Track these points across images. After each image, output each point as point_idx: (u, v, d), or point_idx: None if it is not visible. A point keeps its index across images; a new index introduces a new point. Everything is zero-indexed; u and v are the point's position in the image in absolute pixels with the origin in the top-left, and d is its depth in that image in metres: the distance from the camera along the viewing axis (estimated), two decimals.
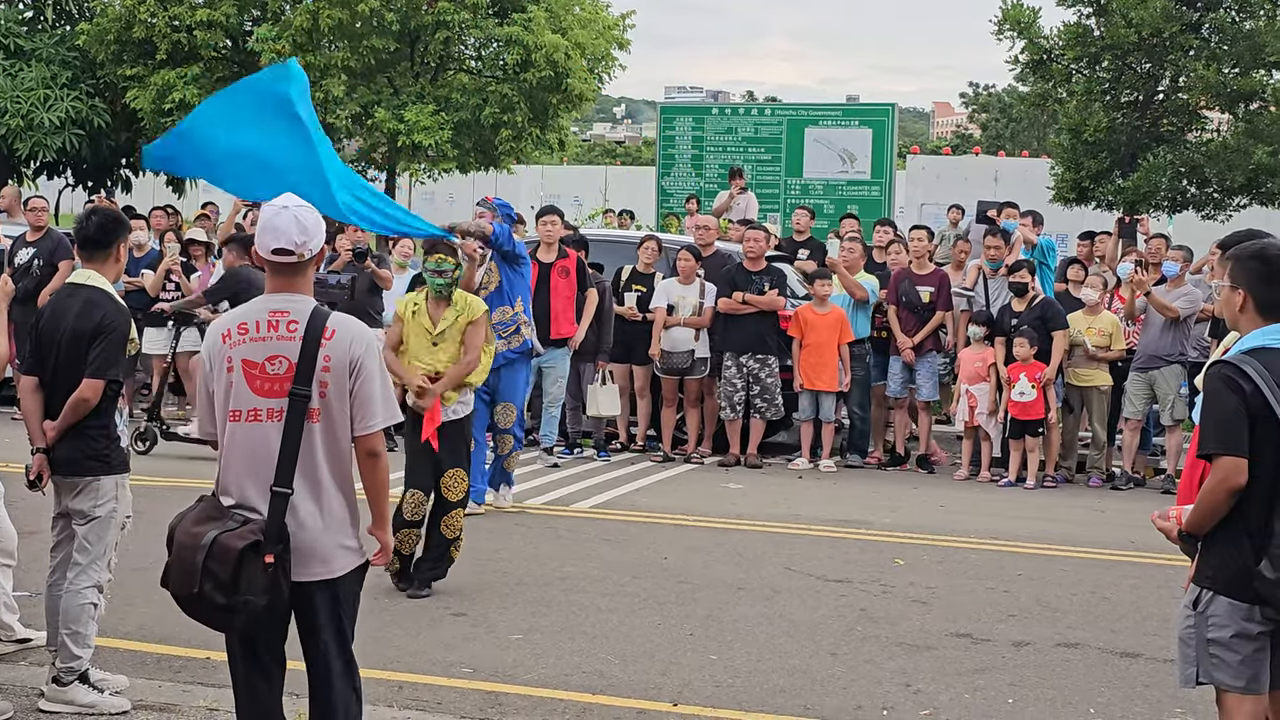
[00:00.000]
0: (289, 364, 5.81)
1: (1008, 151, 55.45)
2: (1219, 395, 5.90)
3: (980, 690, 8.70)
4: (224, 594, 5.64)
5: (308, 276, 6.02)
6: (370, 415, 5.89)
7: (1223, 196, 23.97)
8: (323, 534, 5.86)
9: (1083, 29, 24.17)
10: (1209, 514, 5.91)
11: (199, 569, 5.62)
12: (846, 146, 26.51)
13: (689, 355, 16.54)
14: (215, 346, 5.93)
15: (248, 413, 5.85)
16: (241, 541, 5.64)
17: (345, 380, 5.85)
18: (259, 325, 5.87)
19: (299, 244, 5.89)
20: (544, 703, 8.22)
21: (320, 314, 5.90)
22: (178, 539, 5.78)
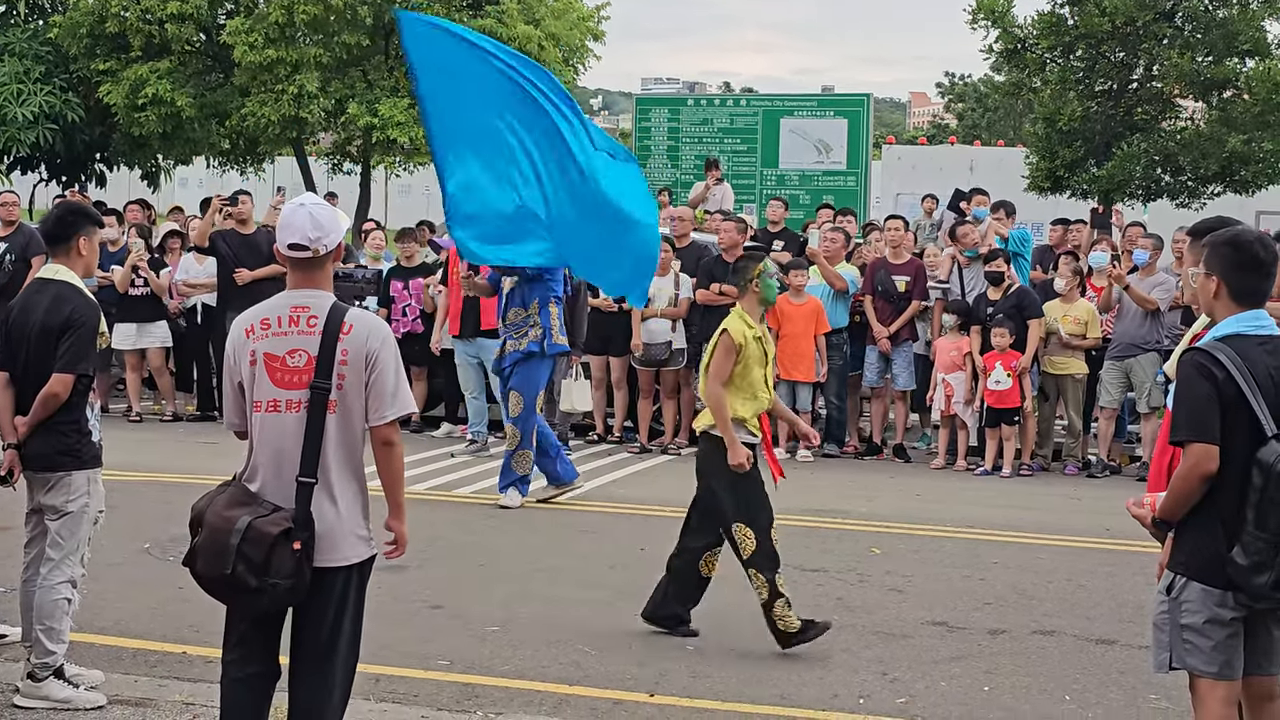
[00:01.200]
0: (309, 357, 6.05)
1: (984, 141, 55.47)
2: (1191, 382, 5.92)
3: (956, 678, 8.72)
4: (255, 576, 5.88)
5: (326, 272, 6.25)
6: (384, 406, 6.13)
7: (1197, 184, 24.04)
8: (338, 522, 6.09)
9: (1057, 18, 24.22)
10: (1182, 500, 5.94)
11: (233, 551, 5.88)
12: (822, 137, 26.54)
13: (666, 346, 16.53)
14: (239, 341, 6.17)
15: (268, 404, 6.09)
16: (275, 528, 5.90)
17: (362, 373, 6.09)
18: (280, 320, 6.11)
19: (313, 239, 6.10)
20: (520, 694, 8.22)
21: (339, 309, 6.14)
22: (210, 522, 6.02)
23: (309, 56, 25.97)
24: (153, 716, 7.47)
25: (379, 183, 34.05)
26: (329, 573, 6.08)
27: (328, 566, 6.06)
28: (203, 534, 6.05)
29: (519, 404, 13.24)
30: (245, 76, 26.30)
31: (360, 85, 27.29)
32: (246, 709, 6.28)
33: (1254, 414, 5.84)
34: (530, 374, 13.26)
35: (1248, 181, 23.56)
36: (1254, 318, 6.04)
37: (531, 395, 13.29)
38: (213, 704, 7.58)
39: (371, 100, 26.43)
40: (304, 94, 25.78)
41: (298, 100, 25.80)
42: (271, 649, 6.29)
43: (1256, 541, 5.75)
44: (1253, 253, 6.10)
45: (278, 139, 27.68)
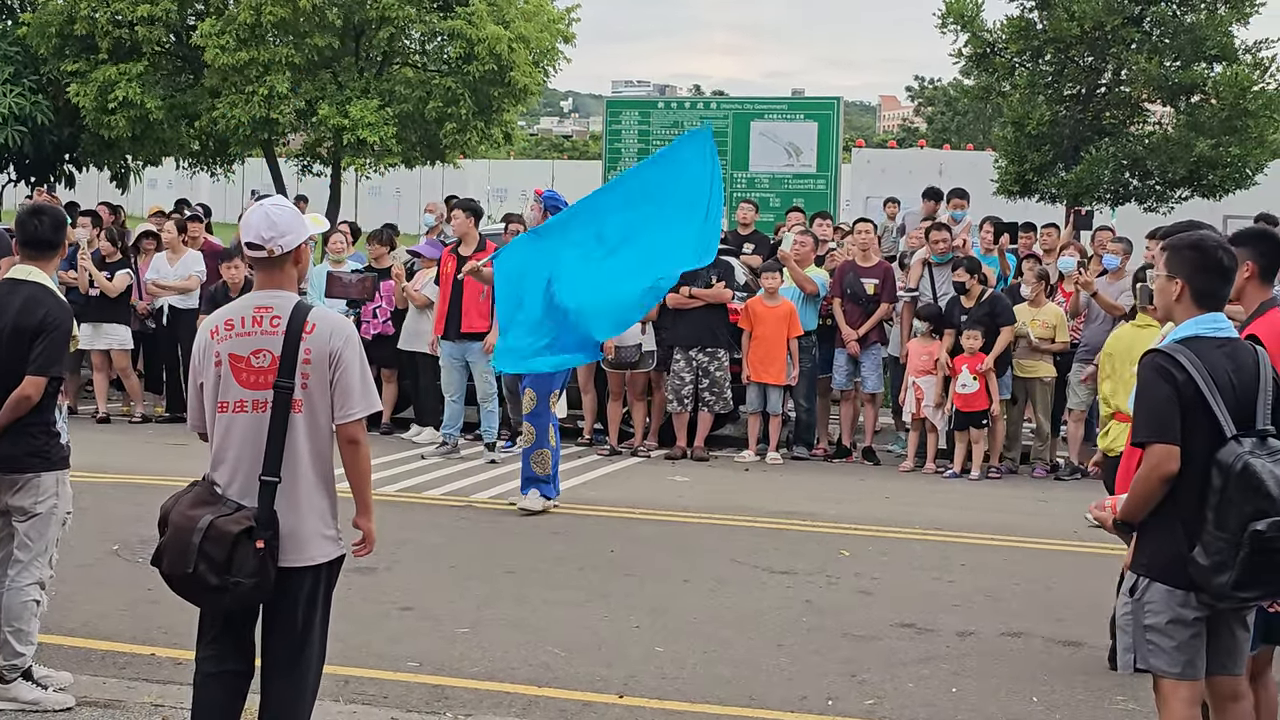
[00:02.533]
0: (273, 357, 6.09)
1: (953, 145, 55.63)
2: (1152, 384, 5.98)
3: (924, 680, 8.76)
4: (216, 575, 5.92)
5: (288, 273, 6.26)
6: (350, 404, 6.16)
7: (1165, 189, 24.09)
8: (305, 522, 6.12)
9: (1025, 22, 24.25)
10: (1142, 501, 5.99)
11: (195, 550, 5.92)
12: (792, 140, 26.53)
13: (636, 349, 16.53)
14: (204, 343, 6.23)
15: (234, 404, 6.14)
16: (236, 526, 5.93)
17: (326, 372, 6.12)
18: (244, 321, 6.16)
19: (267, 239, 6.13)
20: (490, 695, 8.23)
21: (301, 308, 6.17)
22: (173, 521, 6.07)
23: (280, 57, 25.91)
24: (122, 718, 7.47)
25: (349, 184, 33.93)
26: (296, 573, 6.10)
27: (294, 566, 6.09)
28: (167, 533, 6.10)
29: (533, 401, 13.26)
30: (216, 78, 26.23)
31: (331, 87, 27.22)
32: (218, 706, 6.30)
33: (1213, 415, 5.90)
34: (542, 373, 13.29)
35: (1215, 186, 23.62)
36: (1212, 320, 6.12)
37: (545, 393, 13.29)
38: (183, 705, 7.60)
39: (342, 101, 26.37)
40: (274, 95, 25.72)
41: (268, 101, 25.73)
42: (244, 648, 6.29)
43: (1217, 542, 5.81)
44: (1216, 257, 6.18)
45: (248, 140, 27.60)
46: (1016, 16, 24.36)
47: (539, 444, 13.22)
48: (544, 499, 13.27)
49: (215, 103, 26.34)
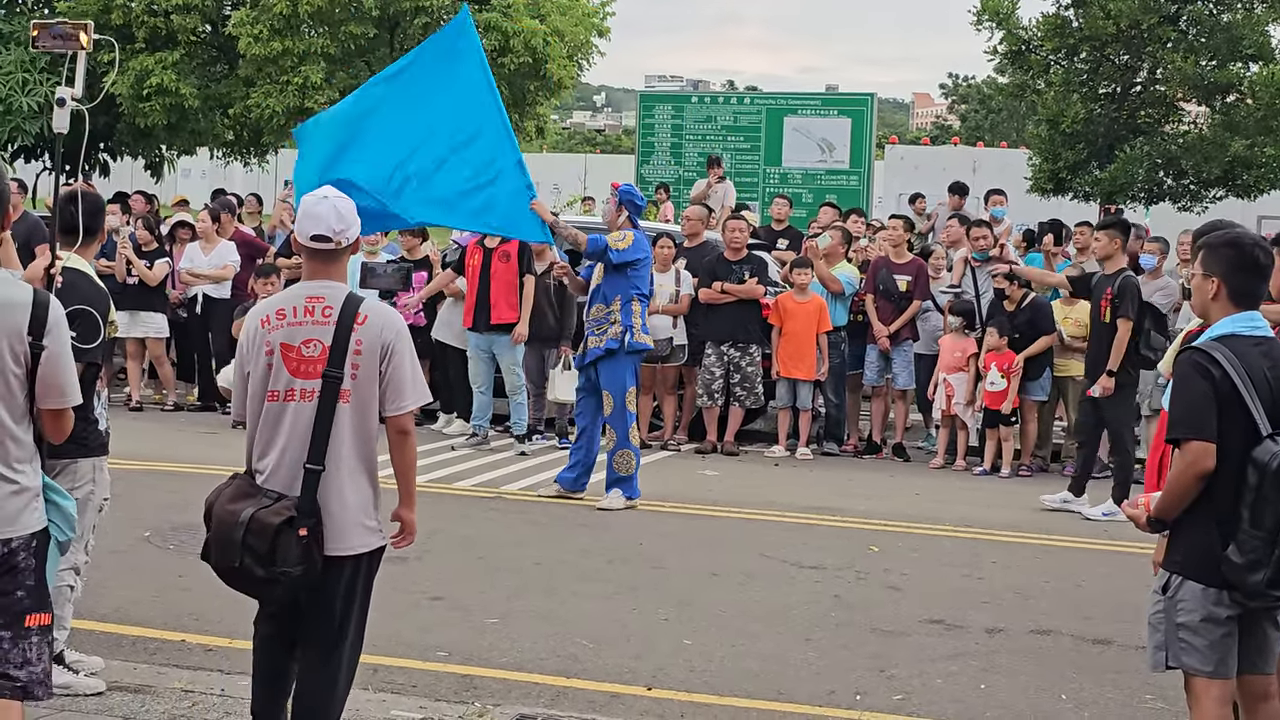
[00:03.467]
0: (323, 347, 6.12)
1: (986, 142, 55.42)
2: (1188, 380, 5.96)
3: (953, 676, 8.75)
4: (262, 566, 5.97)
5: (342, 264, 6.35)
6: (402, 397, 6.21)
7: (1199, 188, 24.05)
8: (347, 511, 6.15)
9: (1061, 20, 24.22)
10: (1177, 499, 5.97)
11: (239, 544, 5.97)
12: (825, 136, 26.57)
13: (667, 343, 16.55)
14: (254, 332, 6.24)
15: (284, 393, 6.15)
16: (277, 518, 5.96)
17: (376, 364, 6.16)
18: (296, 310, 6.19)
19: (336, 232, 6.22)
20: (518, 686, 8.24)
21: (353, 300, 6.22)
22: (216, 515, 6.09)
23: (314, 47, 25.98)
24: (151, 703, 7.48)
25: None
26: (336, 561, 6.13)
27: (335, 555, 6.12)
28: (212, 528, 6.13)
29: (610, 403, 13.22)
30: (250, 68, 26.31)
31: (365, 76, 27.27)
32: (279, 659, 6.40)
33: (1250, 413, 5.87)
34: (615, 372, 13.23)
35: (1250, 186, 23.56)
36: (1249, 319, 6.09)
37: (621, 394, 13.23)
38: (213, 691, 7.67)
39: None
40: (309, 85, 25.78)
41: (302, 91, 25.79)
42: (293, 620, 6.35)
43: (1252, 540, 5.79)
44: (1253, 255, 6.15)
45: (282, 130, 27.67)
46: (1052, 14, 24.32)
47: (621, 444, 13.22)
48: (625, 498, 13.26)
49: (249, 92, 26.42)
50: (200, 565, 10.41)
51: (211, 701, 7.54)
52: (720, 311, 16.50)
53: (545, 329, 16.27)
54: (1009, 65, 26.04)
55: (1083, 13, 23.81)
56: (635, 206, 13.51)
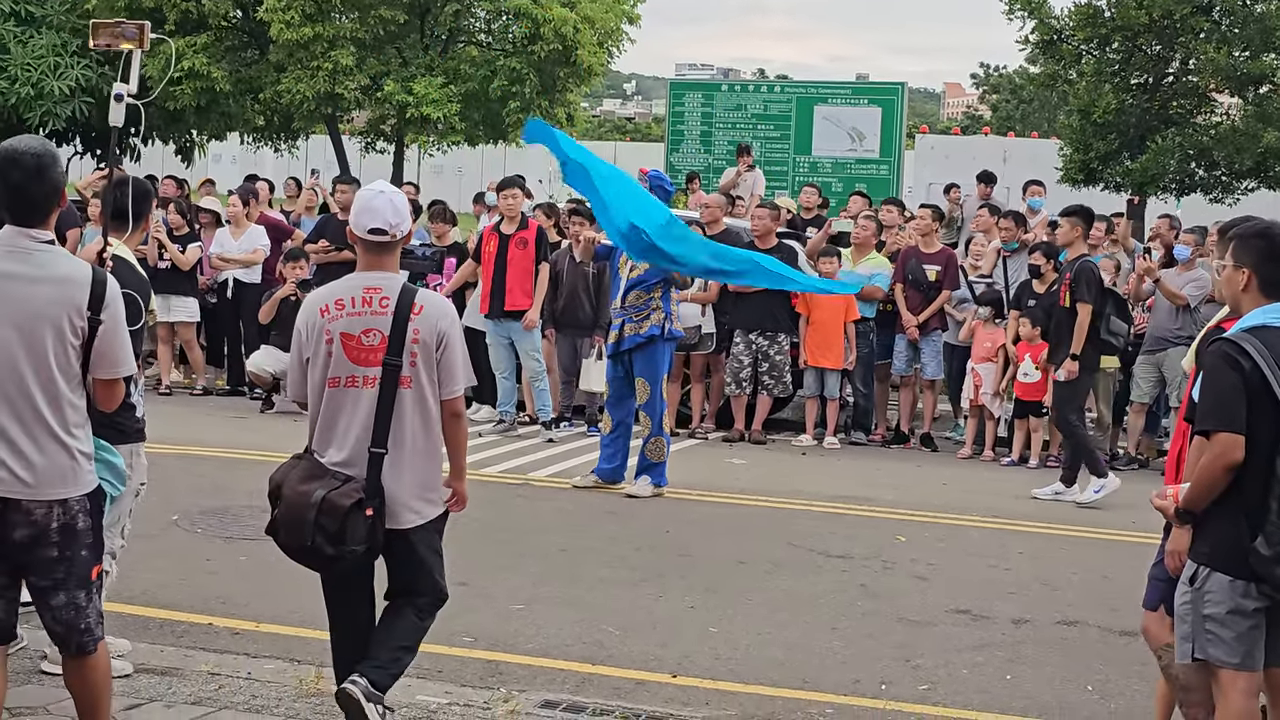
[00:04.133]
0: (382, 336, 6.45)
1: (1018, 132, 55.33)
2: (1218, 371, 5.94)
3: (979, 666, 8.74)
4: (332, 545, 6.33)
5: (395, 256, 6.71)
6: (455, 381, 6.60)
7: (1231, 180, 23.96)
8: (407, 489, 6.51)
9: (1093, 10, 24.14)
10: (1206, 490, 5.95)
11: (310, 524, 6.31)
12: (855, 125, 26.51)
13: (696, 331, 16.54)
14: (313, 320, 6.56)
15: (345, 380, 6.49)
16: (348, 500, 6.31)
17: (433, 351, 6.51)
18: (354, 300, 6.51)
19: (393, 225, 6.56)
20: (544, 672, 8.26)
21: (409, 291, 6.57)
22: (286, 496, 6.41)
23: (345, 32, 26.02)
24: (178, 685, 7.51)
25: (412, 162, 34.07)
26: (401, 534, 6.52)
27: (399, 529, 6.51)
28: (281, 507, 6.43)
29: (646, 390, 13.22)
30: (281, 53, 26.35)
31: (396, 62, 27.32)
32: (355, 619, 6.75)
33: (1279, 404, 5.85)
34: (653, 359, 13.23)
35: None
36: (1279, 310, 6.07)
37: (657, 380, 13.27)
38: (239, 674, 7.70)
39: (407, 78, 26.45)
40: (339, 70, 25.81)
41: (333, 76, 25.83)
42: (366, 590, 6.76)
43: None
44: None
45: (312, 115, 27.72)
46: (1084, 4, 24.25)
47: (655, 432, 13.23)
48: (654, 486, 13.27)
49: (280, 78, 26.46)
50: (228, 549, 10.50)
51: (238, 684, 7.56)
52: (748, 300, 16.48)
53: (581, 318, 16.28)
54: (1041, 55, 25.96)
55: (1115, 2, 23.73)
56: (665, 192, 13.53)
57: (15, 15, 26.71)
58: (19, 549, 5.73)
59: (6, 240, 5.81)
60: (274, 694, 7.45)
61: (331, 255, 17.79)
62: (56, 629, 5.95)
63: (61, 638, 5.97)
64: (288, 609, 9.12)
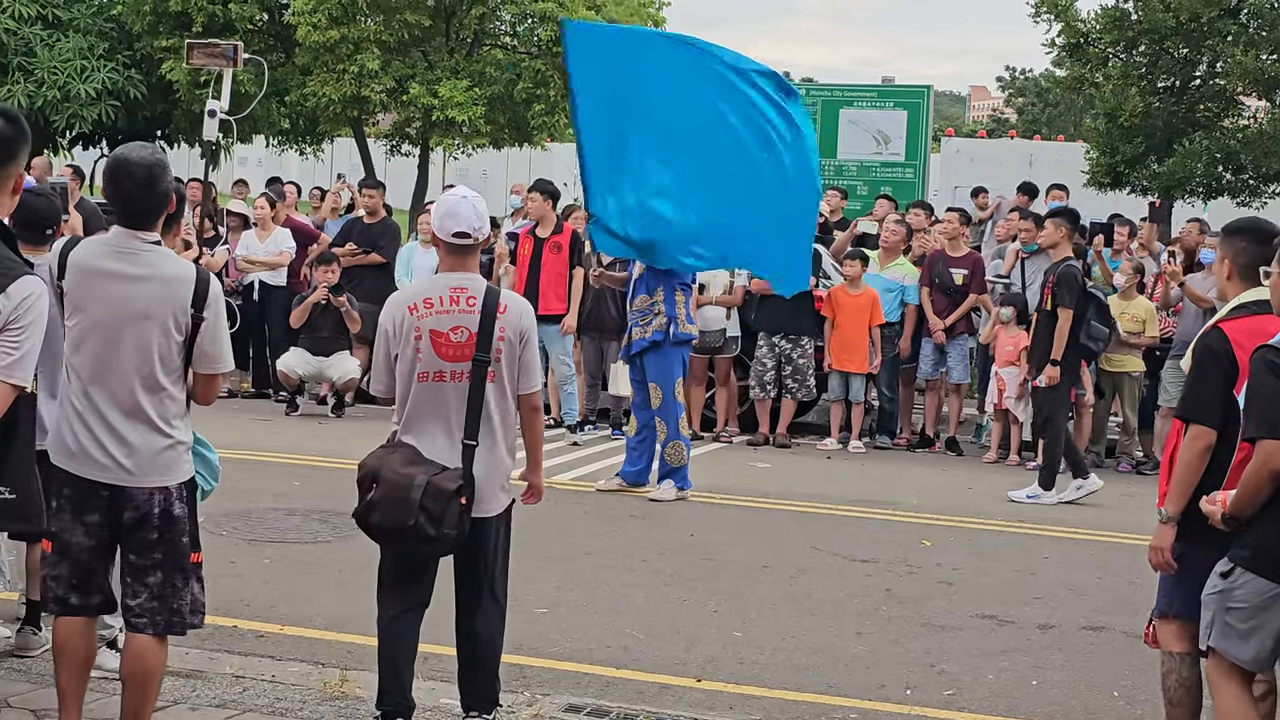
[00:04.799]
0: (470, 333, 6.79)
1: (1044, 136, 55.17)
2: (1261, 378, 5.95)
3: (1004, 671, 8.71)
4: (434, 527, 6.61)
5: (476, 258, 7.08)
6: (533, 376, 7.04)
7: (1258, 183, 23.88)
8: (491, 479, 6.87)
9: (1120, 13, 24.07)
10: (1252, 497, 5.98)
11: (416, 505, 6.58)
12: (881, 128, 26.42)
13: (721, 334, 16.55)
14: (402, 319, 6.88)
15: (434, 374, 6.81)
16: (451, 484, 6.62)
17: (516, 348, 6.91)
18: (442, 299, 6.85)
19: (476, 229, 6.89)
20: (568, 675, 8.25)
21: (493, 291, 6.94)
22: (386, 478, 6.67)
23: (370, 35, 26.05)
24: (203, 688, 7.52)
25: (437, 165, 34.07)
26: (481, 521, 6.83)
27: (482, 517, 6.83)
28: (380, 489, 6.68)
29: (659, 395, 13.22)
30: (307, 56, 26.39)
31: (421, 65, 27.34)
32: (407, 637, 6.98)
33: None
34: (663, 364, 13.23)
35: None
36: None
37: (669, 385, 13.22)
38: (264, 677, 7.70)
39: (432, 81, 26.47)
40: (365, 73, 25.84)
41: (359, 79, 25.86)
42: (427, 586, 7.03)
43: None
44: None
45: (338, 118, 27.76)
46: (1111, 7, 24.18)
47: (672, 436, 13.21)
48: (677, 489, 13.25)
49: (306, 80, 26.50)
50: (253, 551, 10.52)
51: (261, 688, 7.57)
52: (773, 303, 16.46)
53: (607, 321, 16.28)
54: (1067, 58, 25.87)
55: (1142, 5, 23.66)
56: None
57: (43, 19, 26.80)
58: (126, 530, 6.09)
59: (115, 241, 6.11)
60: (298, 697, 7.45)
61: (359, 258, 17.82)
62: (148, 605, 6.15)
63: (149, 615, 6.16)
64: (312, 612, 9.13)
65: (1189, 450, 6.51)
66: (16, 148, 5.66)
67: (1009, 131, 58.25)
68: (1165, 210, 22.55)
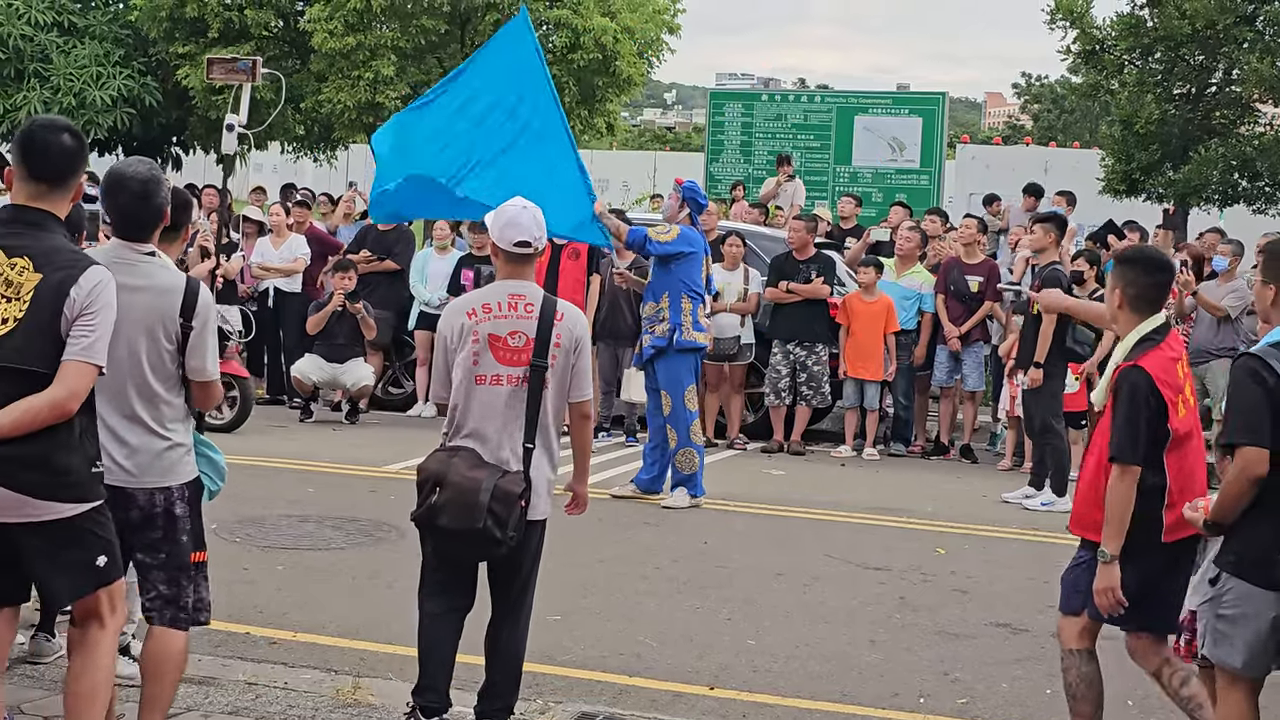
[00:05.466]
0: (527, 339, 6.97)
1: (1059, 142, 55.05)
2: (1242, 386, 6.08)
3: (1018, 680, 8.69)
4: (500, 530, 6.76)
5: (534, 266, 7.27)
6: (585, 384, 7.16)
7: (1275, 190, 23.79)
8: (543, 482, 7.06)
9: (1136, 20, 24.01)
10: (1233, 502, 6.09)
11: (484, 508, 6.72)
12: (896, 135, 26.41)
13: (735, 341, 16.55)
14: (459, 322, 7.05)
15: (491, 378, 6.96)
16: (516, 488, 6.81)
17: (570, 355, 7.06)
18: (500, 305, 7.03)
19: (536, 238, 7.10)
20: (581, 683, 8.25)
21: (550, 299, 7.11)
22: (453, 482, 6.78)
23: (386, 41, 26.07)
24: (216, 695, 7.53)
25: None
26: (532, 526, 7.03)
27: (532, 520, 7.00)
28: (446, 492, 6.79)
29: (668, 403, 13.25)
30: (322, 63, 26.42)
31: (437, 72, 27.34)
32: (447, 641, 7.13)
33: None
34: (670, 371, 13.26)
35: None
36: None
37: (679, 393, 13.25)
38: (276, 684, 7.72)
39: None
40: (380, 79, 25.86)
41: (374, 86, 25.88)
42: (469, 588, 7.21)
43: None
44: None
45: (353, 125, 27.78)
46: (1127, 13, 24.11)
47: (683, 444, 13.21)
48: (690, 497, 13.25)
49: (321, 87, 26.53)
50: (266, 558, 10.53)
51: (274, 694, 7.58)
52: (788, 310, 16.47)
53: (622, 328, 16.26)
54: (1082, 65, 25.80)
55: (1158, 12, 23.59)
56: (697, 205, 13.50)
57: (58, 25, 26.86)
58: (131, 529, 6.22)
59: (112, 252, 6.27)
60: (310, 704, 7.46)
61: (374, 265, 17.84)
62: (156, 602, 6.39)
63: (158, 609, 6.39)
64: (325, 619, 9.14)
65: (1121, 489, 6.62)
66: (80, 161, 5.90)
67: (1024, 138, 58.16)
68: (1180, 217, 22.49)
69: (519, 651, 7.23)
